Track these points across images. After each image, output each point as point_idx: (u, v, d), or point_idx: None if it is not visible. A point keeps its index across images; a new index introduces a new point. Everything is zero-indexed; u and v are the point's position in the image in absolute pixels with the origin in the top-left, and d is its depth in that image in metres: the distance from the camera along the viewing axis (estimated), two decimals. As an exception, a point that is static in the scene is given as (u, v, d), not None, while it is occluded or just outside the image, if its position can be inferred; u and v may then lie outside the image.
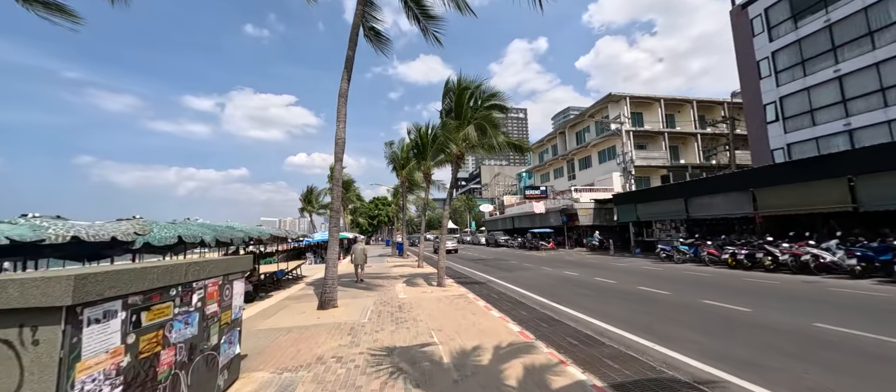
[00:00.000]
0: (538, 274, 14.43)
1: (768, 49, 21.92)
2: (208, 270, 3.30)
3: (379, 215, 54.68)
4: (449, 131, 9.79)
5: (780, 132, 21.33)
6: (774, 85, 21.60)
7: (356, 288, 11.09)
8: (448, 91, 10.97)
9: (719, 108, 37.11)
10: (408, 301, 8.73)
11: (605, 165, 36.35)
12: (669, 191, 19.17)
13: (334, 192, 8.15)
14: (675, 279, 11.62)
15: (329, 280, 7.87)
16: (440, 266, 10.87)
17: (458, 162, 11.28)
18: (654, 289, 9.97)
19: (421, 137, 17.41)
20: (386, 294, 9.83)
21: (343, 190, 42.90)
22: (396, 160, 23.24)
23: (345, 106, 8.52)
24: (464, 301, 8.61)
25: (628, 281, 11.58)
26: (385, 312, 7.45)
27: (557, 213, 31.25)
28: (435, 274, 14.51)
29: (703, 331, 5.95)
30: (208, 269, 3.30)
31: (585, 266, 16.35)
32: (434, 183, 20.23)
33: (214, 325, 3.40)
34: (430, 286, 11.04)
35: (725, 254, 13.63)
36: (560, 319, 7.05)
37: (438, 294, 9.62)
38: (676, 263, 15.69)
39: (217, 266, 3.45)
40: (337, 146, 8.33)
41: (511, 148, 11.00)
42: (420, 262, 17.35)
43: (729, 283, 10.55)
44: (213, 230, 6.48)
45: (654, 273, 13.23)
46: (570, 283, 11.70)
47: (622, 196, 23.31)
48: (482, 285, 11.86)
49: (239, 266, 3.87)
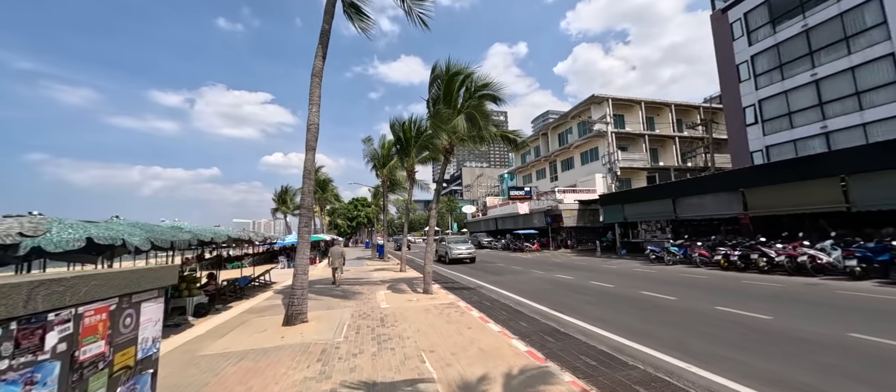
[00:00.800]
0: (529, 277, 13.63)
1: (747, 53, 22.29)
2: (86, 290, 2.11)
3: (358, 216, 52.81)
4: (442, 119, 8.74)
5: (758, 134, 21.67)
6: (754, 88, 21.96)
7: (331, 296, 9.83)
8: (436, 78, 9.94)
9: (696, 112, 38.08)
10: (391, 312, 7.61)
11: (588, 166, 36.39)
12: (657, 191, 18.96)
13: (305, 186, 6.94)
14: (673, 282, 11.07)
15: (298, 289, 6.63)
16: (427, 271, 9.80)
17: (446, 156, 10.27)
18: (656, 293, 9.32)
19: (404, 132, 16.27)
20: (366, 304, 8.65)
21: (320, 189, 41.01)
22: (376, 158, 21.95)
23: (319, 87, 7.32)
24: (455, 311, 7.58)
25: (626, 284, 10.92)
26: (364, 328, 6.31)
27: (542, 214, 30.83)
28: (419, 279, 13.40)
29: (736, 346, 5.20)
30: (87, 287, 2.11)
31: (576, 268, 15.72)
32: (417, 182, 19.12)
33: (98, 376, 2.21)
34: (416, 293, 9.94)
35: (717, 255, 13.32)
36: (567, 332, 6.16)
37: (426, 303, 8.54)
38: (667, 265, 15.32)
39: (107, 282, 2.26)
40: (309, 132, 7.12)
41: (504, 141, 10.11)
42: (403, 265, 16.18)
43: (730, 286, 10.07)
44: (146, 231, 5.15)
45: (649, 276, 12.70)
46: (566, 287, 10.92)
47: (609, 197, 23.04)
48: (472, 291, 10.88)
49: (151, 281, 2.68)
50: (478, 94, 9.77)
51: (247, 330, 6.37)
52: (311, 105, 7.20)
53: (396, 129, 16.63)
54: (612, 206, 22.31)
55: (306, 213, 6.89)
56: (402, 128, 16.32)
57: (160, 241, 5.33)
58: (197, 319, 7.47)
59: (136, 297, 2.57)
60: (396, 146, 17.46)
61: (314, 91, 7.25)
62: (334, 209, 52.79)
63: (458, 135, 9.17)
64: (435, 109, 9.08)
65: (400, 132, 16.55)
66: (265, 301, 9.81)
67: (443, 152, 10.30)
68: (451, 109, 9.27)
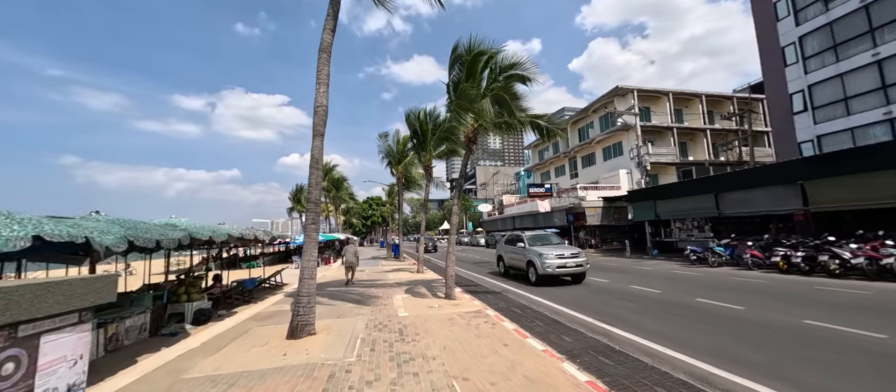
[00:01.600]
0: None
1: (794, 34, 20.29)
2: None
3: (373, 215, 52.43)
4: (468, 99, 7.67)
5: (808, 123, 19.68)
6: (802, 72, 19.96)
7: (344, 300, 8.96)
8: (457, 59, 8.90)
9: (729, 103, 35.70)
10: (411, 322, 6.64)
11: (611, 162, 34.62)
12: (697, 186, 17.33)
13: (312, 177, 6.04)
14: (729, 287, 9.70)
15: (304, 296, 5.74)
16: (449, 273, 8.80)
17: (469, 145, 9.23)
18: (715, 301, 8.02)
19: (421, 124, 15.34)
20: (381, 310, 7.72)
21: (334, 188, 40.64)
22: (391, 155, 21.10)
23: (327, 64, 6.42)
24: (485, 322, 6.55)
25: (673, 289, 9.62)
26: (381, 343, 5.35)
27: (563, 212, 29.37)
28: (438, 281, 12.44)
29: (865, 381, 3.97)
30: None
31: (608, 270, 14.40)
32: (433, 180, 18.16)
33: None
34: (437, 298, 8.95)
35: (775, 256, 11.77)
36: (624, 350, 5.03)
37: (449, 310, 7.54)
38: (712, 267, 13.82)
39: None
40: (316, 116, 6.22)
41: (534, 128, 8.97)
42: (420, 266, 15.26)
43: (803, 293, 8.65)
44: (126, 228, 4.33)
45: (696, 279, 11.32)
46: (604, 292, 9.71)
47: (639, 193, 21.46)
48: (497, 296, 9.82)
49: (61, 300, 1.75)
50: (504, 75, 8.68)
51: (245, 343, 5.51)
52: (318, 84, 6.29)
53: (412, 121, 15.72)
54: (642, 203, 20.75)
55: (313, 208, 5.99)
56: (418, 120, 15.40)
57: (143, 240, 4.53)
58: (196, 328, 6.71)
59: (29, 329, 1.65)
60: (413, 140, 16.54)
61: (322, 69, 6.35)
62: (349, 208, 52.57)
63: (483, 120, 8.11)
64: (459, 89, 8.04)
65: (416, 124, 15.63)
66: (274, 305, 9.03)
67: (465, 141, 9.26)
68: (476, 92, 8.21)
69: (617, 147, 34.26)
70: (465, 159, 9.48)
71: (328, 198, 40.92)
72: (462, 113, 8.45)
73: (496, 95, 7.96)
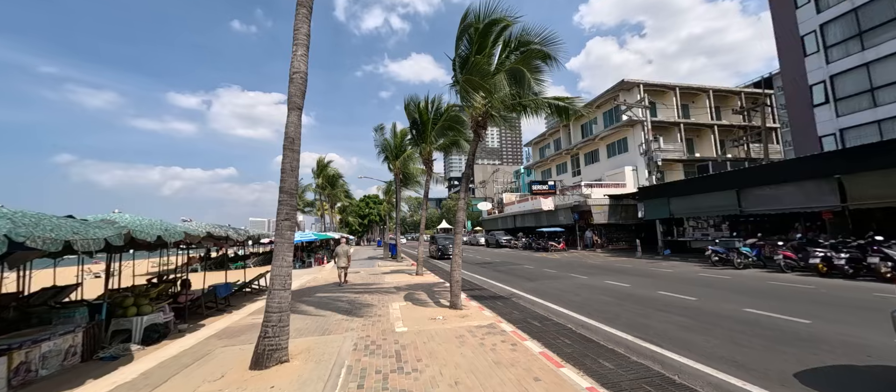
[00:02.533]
0: (572, 284, 11.26)
1: (815, 22, 19.19)
2: None
3: (370, 214, 51.09)
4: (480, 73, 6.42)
5: (830, 116, 18.61)
6: (823, 62, 18.87)
7: (332, 309, 7.69)
8: (465, 30, 7.61)
9: (736, 98, 34.70)
10: (411, 340, 5.40)
11: (615, 159, 33.55)
12: (716, 181, 16.17)
13: (286, 160, 4.77)
14: (774, 295, 8.53)
15: (274, 313, 4.47)
16: (454, 279, 7.56)
17: (477, 131, 7.97)
18: (768, 312, 6.83)
19: (420, 114, 14.08)
20: (375, 324, 6.47)
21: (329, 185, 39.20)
22: (388, 149, 19.82)
23: (307, 21, 5.15)
24: (502, 340, 5.31)
25: (711, 297, 8.44)
26: (372, 375, 4.11)
27: (568, 210, 28.21)
28: (440, 285, 11.21)
29: None
30: None
31: (624, 273, 13.22)
32: (433, 175, 16.90)
33: None
34: (440, 307, 7.71)
35: (813, 258, 10.62)
36: (690, 385, 3.83)
37: (456, 323, 6.30)
38: (738, 269, 12.66)
39: None
40: (292, 84, 4.96)
41: (553, 110, 7.73)
42: (419, 267, 14.01)
43: (866, 301, 7.50)
44: (16, 223, 3.02)
45: (728, 284, 10.15)
46: (632, 300, 8.51)
47: (651, 189, 20.30)
48: (507, 302, 8.62)
49: None
50: (521, 49, 7.44)
51: (195, 375, 4.24)
52: (295, 46, 5.02)
53: (412, 110, 14.44)
54: (655, 201, 19.60)
55: (288, 200, 4.72)
56: (418, 109, 14.13)
57: (41, 240, 3.23)
58: (145, 348, 5.43)
59: None
60: (412, 131, 15.27)
61: (300, 27, 5.08)
62: (345, 207, 51.20)
63: (497, 99, 6.86)
64: (469, 63, 6.78)
65: (416, 114, 14.36)
66: (250, 316, 7.76)
67: (473, 127, 8.01)
68: (488, 67, 6.97)
69: (622, 143, 33.16)
70: (473, 148, 8.23)
71: (323, 195, 39.55)
72: (471, 92, 7.21)
73: (513, 70, 6.72)
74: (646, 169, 22.22)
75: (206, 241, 7.36)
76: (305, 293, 10.41)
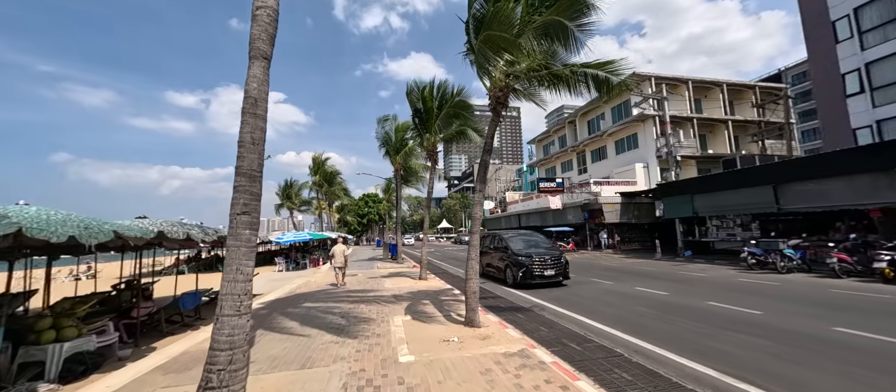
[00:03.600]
0: (598, 290, 9.89)
1: (849, 5, 17.80)
2: None
3: (369, 213, 49.63)
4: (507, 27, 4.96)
5: (865, 106, 17.23)
6: (858, 49, 17.49)
7: (319, 325, 6.26)
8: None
9: (750, 93, 33.34)
10: (420, 379, 3.98)
11: (625, 156, 32.15)
12: (749, 176, 14.76)
13: (246, 128, 3.35)
14: (850, 307, 7.14)
15: (222, 351, 3.02)
16: (471, 289, 6.14)
17: (497, 108, 6.56)
18: (862, 331, 5.43)
19: (424, 101, 12.66)
20: (373, 348, 5.05)
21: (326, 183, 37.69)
22: (389, 143, 18.42)
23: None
24: (545, 381, 3.90)
25: (778, 310, 7.04)
26: (367, 449, 2.69)
27: (577, 208, 26.81)
28: (448, 291, 9.79)
29: None
30: None
31: (652, 277, 11.84)
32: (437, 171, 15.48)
33: None
34: (454, 324, 6.29)
35: (877, 261, 9.23)
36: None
37: (476, 349, 4.88)
38: (782, 273, 11.28)
39: None
40: (256, 24, 3.51)
41: (592, 83, 6.30)
42: (423, 271, 12.60)
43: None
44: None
45: (779, 292, 8.77)
46: (680, 312, 7.11)
47: (672, 186, 18.90)
48: (529, 314, 7.23)
49: None
50: (552, 4, 6.00)
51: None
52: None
53: (415, 98, 13.02)
54: (676, 198, 18.20)
55: (247, 186, 3.29)
56: (422, 95, 12.71)
57: None
58: (60, 388, 4.01)
59: None
60: (414, 121, 13.85)
61: (269, -52, 3.65)
62: (343, 205, 49.76)
63: (524, 62, 5.44)
64: (490, 12, 5.34)
65: (419, 102, 12.94)
66: (219, 334, 6.32)
67: (491, 104, 6.60)
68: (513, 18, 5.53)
69: (631, 139, 31.76)
70: (492, 129, 6.80)
71: (320, 193, 38.09)
72: (491, 56, 5.79)
73: (549, 23, 5.28)
74: (659, 165, 20.85)
75: (168, 243, 5.92)
76: (291, 302, 8.99)
